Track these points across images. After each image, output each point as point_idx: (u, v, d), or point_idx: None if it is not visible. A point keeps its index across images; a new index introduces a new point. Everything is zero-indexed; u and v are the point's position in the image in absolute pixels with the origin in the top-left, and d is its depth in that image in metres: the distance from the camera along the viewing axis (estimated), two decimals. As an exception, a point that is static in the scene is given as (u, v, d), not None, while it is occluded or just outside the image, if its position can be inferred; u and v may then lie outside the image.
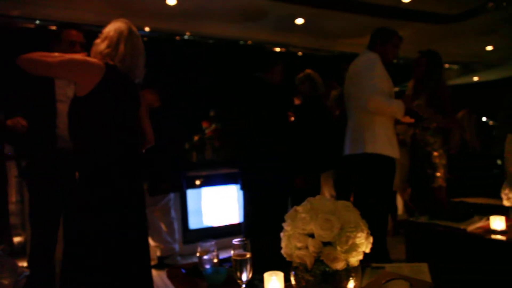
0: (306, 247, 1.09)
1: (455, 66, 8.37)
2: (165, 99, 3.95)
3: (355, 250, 1.07)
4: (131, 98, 1.93)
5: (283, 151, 2.96)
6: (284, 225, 1.18)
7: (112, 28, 1.89)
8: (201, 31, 5.49)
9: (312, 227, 1.08)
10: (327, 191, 4.28)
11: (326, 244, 1.08)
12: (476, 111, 6.04)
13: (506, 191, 2.06)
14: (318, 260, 1.09)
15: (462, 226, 2.12)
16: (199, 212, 4.37)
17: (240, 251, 1.20)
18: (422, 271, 1.43)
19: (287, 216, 1.19)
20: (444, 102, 3.11)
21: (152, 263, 3.69)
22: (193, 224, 4.33)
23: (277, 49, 6.25)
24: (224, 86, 4.98)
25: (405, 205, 4.52)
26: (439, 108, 3.13)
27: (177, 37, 5.55)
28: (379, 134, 2.73)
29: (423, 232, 2.33)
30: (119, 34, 1.88)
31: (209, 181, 4.45)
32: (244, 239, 1.22)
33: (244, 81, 3.23)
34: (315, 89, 3.55)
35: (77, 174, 1.80)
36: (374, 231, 2.75)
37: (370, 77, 2.66)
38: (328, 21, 5.07)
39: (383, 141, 2.73)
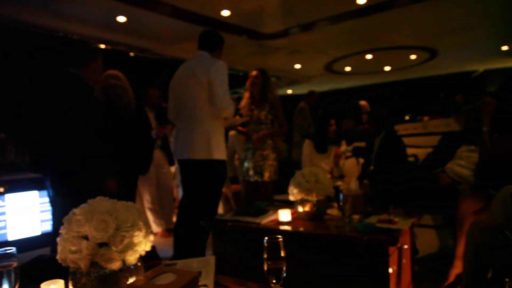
0: (81, 250, 1.06)
1: (273, 79, 9.38)
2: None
3: (132, 249, 1.09)
4: None
5: (94, 154, 2.78)
6: (61, 228, 1.12)
7: None
8: (15, 17, 4.75)
9: (86, 229, 1.06)
10: (147, 194, 4.24)
11: (102, 245, 1.07)
12: (289, 120, 6.86)
13: (291, 187, 2.40)
14: (93, 263, 1.07)
15: (257, 220, 2.37)
16: (-5, 224, 3.77)
17: (6, 263, 1.09)
18: (209, 263, 1.55)
19: (64, 219, 1.13)
20: (278, 111, 3.49)
21: None
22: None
23: (102, 46, 5.91)
24: (37, 79, 4.43)
25: (228, 202, 4.84)
26: (275, 116, 3.49)
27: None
28: (221, 141, 2.89)
29: (228, 228, 2.50)
30: None
31: (10, 188, 3.88)
32: (8, 248, 1.10)
33: (55, 76, 2.87)
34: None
35: None
36: (204, 231, 2.83)
37: (226, 87, 2.78)
38: (151, 22, 5.04)
39: (222, 147, 2.90)
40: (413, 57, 8.16)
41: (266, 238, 1.10)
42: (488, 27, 6.30)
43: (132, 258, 1.10)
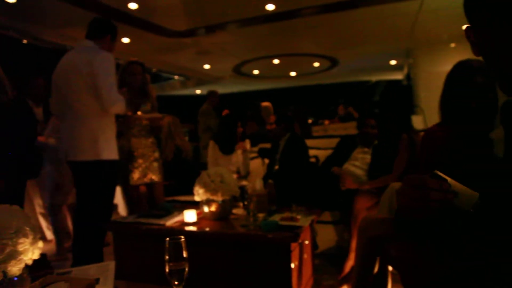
0: None
1: (181, 78, 9.25)
2: None
3: (15, 259, 0.97)
4: None
5: None
6: None
7: None
8: None
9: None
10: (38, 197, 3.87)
11: (-24, 255, 0.94)
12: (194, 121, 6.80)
13: (197, 188, 2.38)
14: (-35, 277, 0.94)
15: (162, 222, 2.30)
16: None
17: None
18: (108, 269, 1.46)
19: None
20: (155, 107, 3.35)
21: None
22: None
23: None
24: None
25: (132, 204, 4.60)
26: (155, 111, 3.34)
27: None
28: (110, 139, 2.67)
29: (131, 231, 2.39)
30: None
31: None
32: None
33: None
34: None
35: None
36: (98, 235, 2.63)
37: (112, 80, 2.55)
38: (46, 7, 4.58)
39: (113, 146, 2.68)
40: (316, 64, 8.69)
41: (168, 239, 1.06)
42: (379, 43, 7.01)
43: (15, 268, 0.99)
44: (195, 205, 2.57)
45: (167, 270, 1.05)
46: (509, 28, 0.78)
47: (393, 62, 8.84)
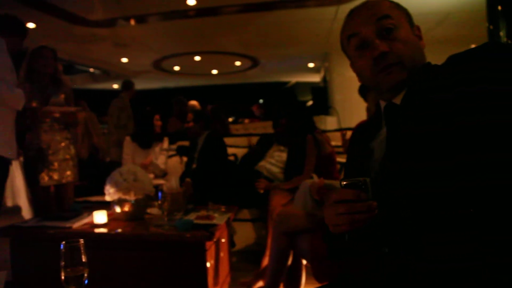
0: None
1: (96, 71, 8.73)
2: None
3: None
4: None
5: None
6: None
7: None
8: None
9: None
10: None
11: None
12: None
13: (108, 187, 2.24)
14: None
15: (68, 224, 2.14)
16: None
17: None
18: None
19: None
20: (71, 99, 3.09)
21: None
22: None
23: None
24: None
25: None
26: (69, 103, 3.07)
27: None
28: None
29: (30, 236, 2.18)
30: None
31: None
32: None
33: None
34: None
35: None
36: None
37: None
38: None
39: None
40: (238, 63, 8.76)
41: (63, 242, 0.97)
42: (299, 46, 7.27)
43: None
44: (107, 205, 2.42)
45: (62, 277, 0.96)
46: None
47: (311, 65, 9.23)
